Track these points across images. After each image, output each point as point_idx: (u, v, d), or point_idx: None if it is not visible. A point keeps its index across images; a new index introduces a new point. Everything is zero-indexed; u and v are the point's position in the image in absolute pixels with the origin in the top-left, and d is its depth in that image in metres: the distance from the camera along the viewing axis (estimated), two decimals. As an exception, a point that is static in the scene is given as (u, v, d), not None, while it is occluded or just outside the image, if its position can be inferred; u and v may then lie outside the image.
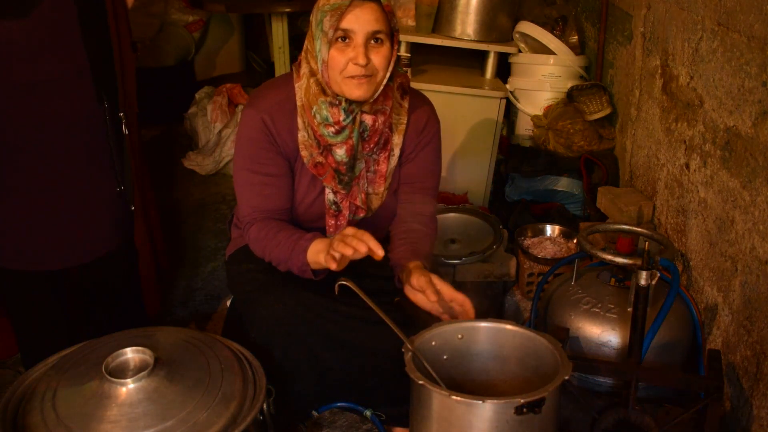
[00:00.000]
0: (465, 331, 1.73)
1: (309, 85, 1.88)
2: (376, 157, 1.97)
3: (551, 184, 3.24)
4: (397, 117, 1.97)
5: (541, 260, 2.72)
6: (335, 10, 1.77)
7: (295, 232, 1.90)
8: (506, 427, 1.46)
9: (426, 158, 2.05)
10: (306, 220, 2.02)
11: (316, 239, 1.84)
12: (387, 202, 2.03)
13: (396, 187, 2.05)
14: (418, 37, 3.30)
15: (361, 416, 2.05)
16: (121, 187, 2.13)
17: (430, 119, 2.04)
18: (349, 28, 1.78)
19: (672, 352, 2.08)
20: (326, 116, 1.86)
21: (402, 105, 1.97)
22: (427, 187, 2.07)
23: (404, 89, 1.99)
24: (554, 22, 3.35)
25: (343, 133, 1.88)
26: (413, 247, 1.97)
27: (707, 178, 2.27)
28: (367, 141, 1.93)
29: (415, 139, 2.01)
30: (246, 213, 1.98)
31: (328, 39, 1.79)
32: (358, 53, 1.78)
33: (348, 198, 1.96)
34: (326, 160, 1.92)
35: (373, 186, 1.99)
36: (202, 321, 2.77)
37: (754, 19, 2.01)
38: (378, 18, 1.79)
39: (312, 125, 1.89)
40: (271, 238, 1.91)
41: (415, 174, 2.04)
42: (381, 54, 1.81)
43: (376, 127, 1.92)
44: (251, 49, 5.25)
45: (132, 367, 1.54)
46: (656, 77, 2.67)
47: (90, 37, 1.99)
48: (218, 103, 4.06)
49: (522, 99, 3.41)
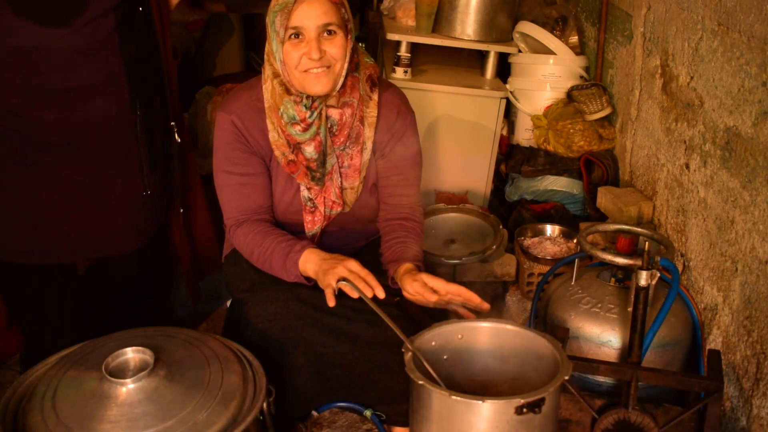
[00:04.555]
0: (465, 331, 1.73)
1: (273, 87, 1.92)
2: (350, 152, 1.98)
3: (551, 184, 3.24)
4: (366, 110, 1.97)
5: (541, 260, 2.72)
6: (283, 9, 1.81)
7: (282, 239, 1.93)
8: (506, 427, 1.46)
9: (403, 150, 2.05)
10: (286, 218, 2.04)
11: (305, 251, 1.88)
12: (363, 196, 2.05)
13: (373, 180, 2.06)
14: (418, 37, 3.29)
15: (361, 416, 2.05)
16: (147, 192, 2.13)
17: (401, 111, 2.04)
18: (298, 24, 1.82)
19: (672, 352, 2.09)
20: (293, 115, 1.89)
21: (371, 97, 1.98)
22: (407, 179, 2.07)
23: (373, 81, 1.99)
24: (554, 22, 3.34)
25: (311, 130, 1.90)
26: (401, 248, 1.99)
27: (707, 178, 2.27)
28: (336, 135, 1.94)
29: (387, 133, 2.02)
30: (229, 215, 2.02)
31: (280, 38, 1.83)
32: (311, 48, 1.81)
33: (322, 193, 1.98)
34: (297, 158, 1.94)
35: (348, 180, 2.00)
36: (202, 321, 2.77)
37: (754, 19, 2.01)
38: (327, 11, 1.82)
39: (280, 125, 1.92)
40: (258, 244, 1.94)
41: (394, 167, 2.05)
42: (335, 44, 1.84)
43: (344, 120, 1.93)
44: (251, 49, 5.24)
45: (132, 367, 1.54)
46: (656, 77, 2.67)
47: (128, 44, 2.00)
48: (218, 103, 4.06)
49: (522, 99, 3.41)
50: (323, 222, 2.01)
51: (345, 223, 2.06)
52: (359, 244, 2.17)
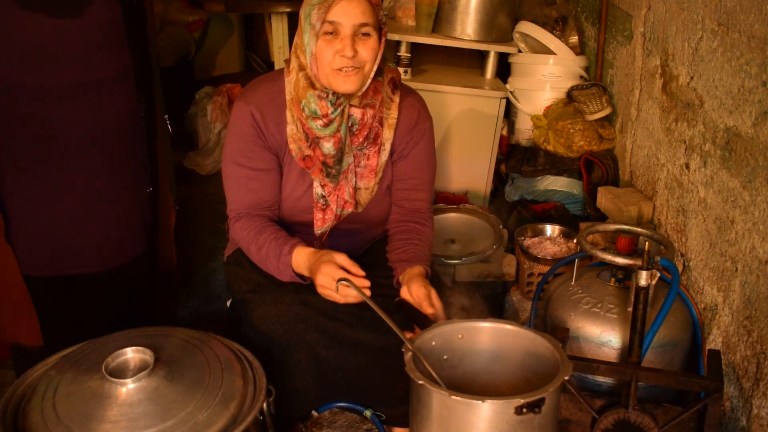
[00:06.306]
0: (465, 331, 1.73)
1: (298, 79, 1.91)
2: (367, 152, 1.98)
3: (551, 184, 3.24)
4: (387, 111, 1.98)
5: (541, 260, 2.72)
6: (322, 3, 1.80)
7: (276, 237, 1.92)
8: (506, 427, 1.46)
9: (419, 154, 2.06)
10: (294, 215, 2.04)
11: (295, 250, 1.88)
12: (378, 198, 2.04)
13: (388, 183, 2.06)
14: (418, 37, 3.30)
15: (361, 416, 2.05)
16: (150, 189, 2.13)
17: (421, 115, 2.05)
18: (336, 20, 1.80)
19: (672, 352, 2.09)
20: (315, 109, 1.88)
21: (392, 99, 1.99)
22: (422, 183, 2.08)
23: (395, 84, 2.00)
24: (554, 22, 3.34)
25: (331, 126, 1.90)
26: (414, 249, 1.98)
27: (707, 178, 2.27)
28: (356, 135, 1.94)
29: (407, 136, 2.03)
30: (232, 207, 2.02)
31: (315, 31, 1.82)
32: (345, 45, 1.80)
33: (336, 191, 1.97)
34: (314, 153, 1.93)
35: (363, 180, 2.00)
36: (202, 321, 2.77)
37: (754, 19, 2.01)
38: (365, 11, 1.82)
39: (300, 119, 1.92)
40: (253, 241, 1.94)
41: (410, 171, 2.06)
42: (368, 46, 1.84)
43: (365, 120, 1.93)
44: (251, 49, 5.24)
45: (132, 367, 1.54)
46: (656, 77, 2.67)
47: (134, 36, 2.01)
48: (218, 103, 4.06)
49: (522, 99, 3.41)
50: (333, 221, 2.00)
51: (354, 224, 2.05)
52: (365, 247, 2.17)
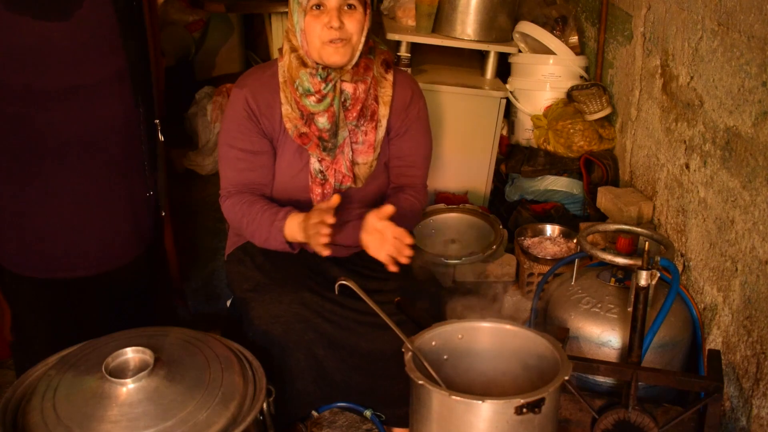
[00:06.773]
0: (465, 331, 1.73)
1: (290, 61, 2.00)
2: (364, 128, 2.05)
3: (551, 184, 3.24)
4: (382, 90, 2.07)
5: (541, 260, 2.72)
6: None
7: (268, 207, 1.98)
8: (506, 427, 1.46)
9: (416, 134, 2.15)
10: (289, 194, 2.07)
11: (289, 217, 1.93)
12: (376, 173, 2.11)
13: (385, 159, 2.13)
14: (418, 37, 3.29)
15: (361, 416, 2.05)
16: (150, 193, 2.13)
17: (415, 94, 2.15)
18: None
19: (672, 352, 2.09)
20: (308, 87, 1.96)
21: (386, 78, 2.08)
22: (417, 160, 2.18)
23: (388, 64, 2.10)
24: (554, 22, 3.34)
25: (325, 101, 1.97)
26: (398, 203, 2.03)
27: (707, 178, 2.27)
28: (349, 110, 2.01)
29: (402, 113, 2.11)
30: (223, 185, 2.09)
31: (303, 8, 1.92)
32: (332, 17, 1.90)
33: (333, 165, 2.03)
34: (310, 129, 2.00)
35: (362, 156, 2.06)
36: (202, 321, 2.76)
37: (754, 19, 2.01)
38: None
39: (295, 97, 2.00)
40: (245, 213, 2.00)
41: (405, 149, 2.15)
42: (354, 18, 1.93)
43: (357, 95, 2.00)
44: (251, 49, 5.24)
45: (132, 367, 1.54)
46: (656, 77, 2.67)
47: (129, 39, 2.00)
48: (218, 103, 4.06)
49: (522, 99, 3.41)
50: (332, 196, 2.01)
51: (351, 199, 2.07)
52: None
